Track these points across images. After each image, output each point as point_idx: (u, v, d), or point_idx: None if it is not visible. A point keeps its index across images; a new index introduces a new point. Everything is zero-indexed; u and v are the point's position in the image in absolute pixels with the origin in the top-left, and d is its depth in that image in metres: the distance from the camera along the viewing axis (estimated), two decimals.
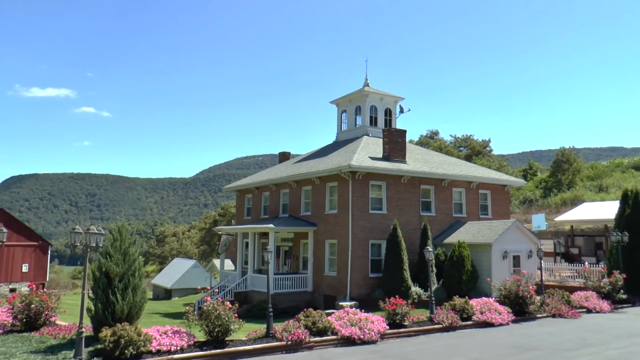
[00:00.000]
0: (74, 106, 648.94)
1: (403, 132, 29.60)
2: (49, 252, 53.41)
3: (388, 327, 17.51)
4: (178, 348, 13.83)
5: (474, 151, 69.89)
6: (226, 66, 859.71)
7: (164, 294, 56.25)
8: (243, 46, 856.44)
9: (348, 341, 16.21)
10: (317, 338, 15.95)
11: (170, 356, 13.47)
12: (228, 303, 15.02)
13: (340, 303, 24.34)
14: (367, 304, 22.88)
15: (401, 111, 35.08)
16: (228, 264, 39.75)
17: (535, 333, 18.13)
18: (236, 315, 15.03)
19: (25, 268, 50.45)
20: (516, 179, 37.91)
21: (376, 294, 24.62)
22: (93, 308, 14.73)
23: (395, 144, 28.86)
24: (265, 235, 31.20)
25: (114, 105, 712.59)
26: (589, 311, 23.01)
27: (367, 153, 28.72)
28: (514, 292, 21.34)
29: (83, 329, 12.82)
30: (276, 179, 32.24)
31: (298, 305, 25.61)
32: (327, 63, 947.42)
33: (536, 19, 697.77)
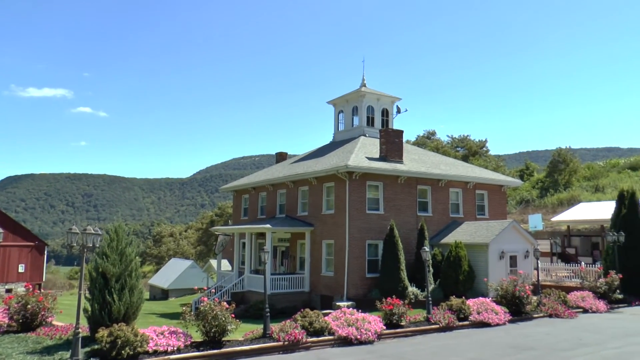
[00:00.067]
0: (71, 106, 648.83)
1: (400, 133, 29.62)
2: (46, 253, 53.18)
3: (385, 328, 17.52)
4: (175, 348, 13.83)
5: (471, 151, 70.09)
6: (223, 66, 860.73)
7: (161, 295, 56.18)
8: (240, 46, 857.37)
9: (345, 341, 16.21)
10: (314, 338, 15.95)
11: (167, 356, 13.45)
12: (225, 303, 15.02)
13: (337, 303, 24.35)
14: (364, 304, 22.89)
15: (398, 111, 35.15)
16: (225, 264, 39.74)
17: (532, 333, 18.17)
18: (233, 315, 15.03)
19: (21, 268, 50.25)
20: (513, 179, 38.03)
21: (373, 294, 24.64)
22: (90, 308, 14.72)
23: (392, 144, 28.88)
24: (262, 235, 31.20)
25: (111, 105, 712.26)
26: (586, 311, 23.07)
27: (364, 153, 28.74)
28: (511, 292, 21.38)
29: (80, 330, 12.79)
30: (273, 179, 32.23)
31: (295, 305, 25.61)
32: (324, 63, 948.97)
33: (534, 19, 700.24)
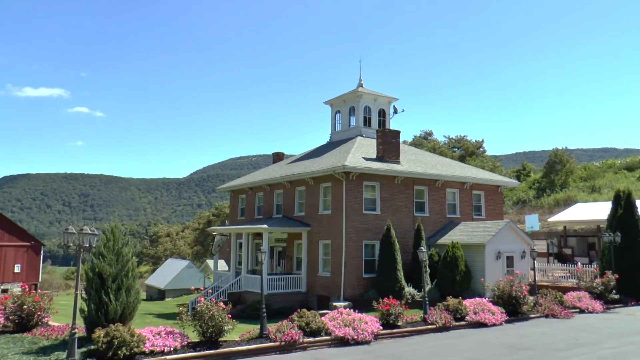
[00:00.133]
0: (67, 106, 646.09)
1: (397, 133, 29.65)
2: (42, 253, 53.14)
3: (382, 328, 17.54)
4: (171, 349, 13.82)
5: (468, 152, 70.19)
6: (220, 66, 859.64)
7: (158, 295, 56.02)
8: (237, 46, 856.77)
9: (342, 342, 16.23)
10: (311, 338, 15.96)
11: (163, 357, 13.44)
12: (222, 303, 15.01)
13: (334, 303, 24.36)
14: (361, 305, 22.88)
15: (395, 112, 35.18)
16: (222, 265, 39.67)
17: (528, 333, 18.21)
18: (230, 315, 15.03)
19: (17, 268, 50.17)
20: (509, 180, 38.10)
21: (370, 295, 24.65)
22: (86, 309, 14.69)
23: (389, 145, 28.90)
24: (259, 235, 31.18)
25: (108, 105, 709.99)
26: (582, 311, 23.14)
27: (361, 154, 28.75)
28: (507, 293, 21.43)
29: (76, 330, 12.77)
30: (270, 180, 32.21)
31: (292, 305, 25.56)
32: (322, 63, 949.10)
33: (531, 19, 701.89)
